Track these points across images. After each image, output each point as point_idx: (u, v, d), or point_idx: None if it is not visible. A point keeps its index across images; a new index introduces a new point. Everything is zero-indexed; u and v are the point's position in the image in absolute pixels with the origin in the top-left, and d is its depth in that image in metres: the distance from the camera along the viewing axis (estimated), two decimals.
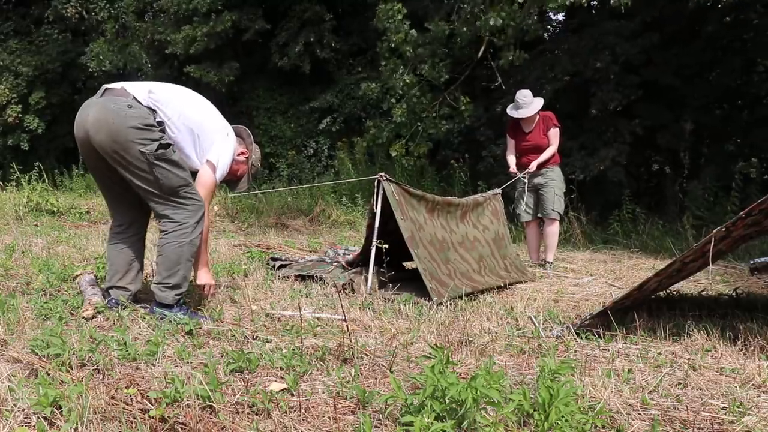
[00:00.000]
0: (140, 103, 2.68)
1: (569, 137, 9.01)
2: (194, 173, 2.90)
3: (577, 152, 8.80)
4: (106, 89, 2.74)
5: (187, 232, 2.73)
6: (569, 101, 9.38)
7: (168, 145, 2.67)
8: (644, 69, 8.75)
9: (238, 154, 3.05)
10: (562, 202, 5.20)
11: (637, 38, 8.62)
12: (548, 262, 5.12)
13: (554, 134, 5.11)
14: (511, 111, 5.14)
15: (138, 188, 2.69)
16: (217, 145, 2.89)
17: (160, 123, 2.71)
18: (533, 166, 5.06)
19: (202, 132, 2.85)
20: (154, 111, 2.71)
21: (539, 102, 5.09)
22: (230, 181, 3.13)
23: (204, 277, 2.99)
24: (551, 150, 5.09)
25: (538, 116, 5.16)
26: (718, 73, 9.12)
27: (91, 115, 2.63)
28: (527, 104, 5.06)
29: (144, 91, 2.75)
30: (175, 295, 2.76)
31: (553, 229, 5.18)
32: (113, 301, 2.90)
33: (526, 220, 5.31)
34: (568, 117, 9.33)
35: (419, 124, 9.49)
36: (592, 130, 9.02)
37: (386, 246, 3.50)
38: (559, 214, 5.18)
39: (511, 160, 5.28)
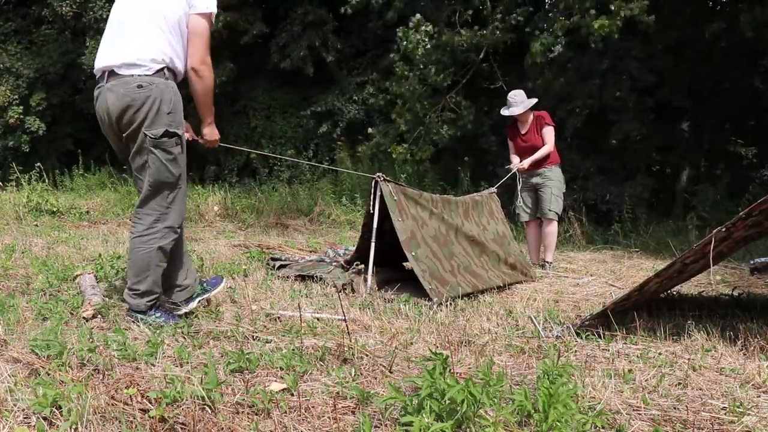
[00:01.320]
0: (147, 75, 2.59)
1: (583, 158, 8.90)
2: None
3: (596, 176, 8.66)
4: (111, 72, 2.65)
5: (156, 237, 2.67)
6: (585, 127, 9.22)
7: (174, 135, 2.63)
8: (657, 89, 8.68)
9: None
10: (561, 202, 5.20)
11: (650, 59, 8.53)
12: (548, 262, 5.12)
13: (548, 132, 5.11)
14: (503, 110, 5.18)
15: (135, 173, 2.68)
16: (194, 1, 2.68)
17: (162, 64, 2.61)
18: (525, 163, 5.07)
19: (183, 13, 2.68)
20: (161, 70, 2.60)
21: (531, 101, 5.10)
22: None
23: (208, 129, 2.90)
24: (546, 149, 5.08)
25: (532, 117, 5.17)
26: (729, 87, 9.06)
27: (108, 103, 2.62)
28: (518, 103, 5.08)
29: (122, 54, 2.62)
30: (147, 302, 2.70)
31: (552, 229, 5.17)
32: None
33: (525, 220, 5.32)
34: (582, 139, 9.20)
35: (421, 128, 9.49)
36: (609, 152, 8.90)
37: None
38: (557, 214, 5.18)
39: (514, 159, 5.31)
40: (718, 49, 8.88)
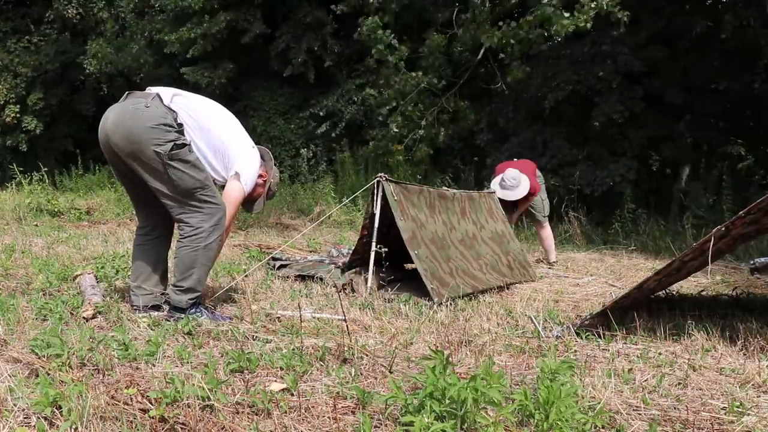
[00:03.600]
0: (161, 101, 2.67)
1: (572, 146, 9.00)
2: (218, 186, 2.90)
3: (583, 162, 8.74)
4: (129, 93, 2.76)
5: (202, 236, 2.71)
6: (572, 109, 9.34)
7: (183, 145, 2.64)
8: (647, 80, 8.73)
9: (258, 176, 3.00)
10: (547, 204, 5.36)
11: (641, 49, 8.61)
12: (552, 263, 5.21)
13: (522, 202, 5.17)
14: (495, 187, 5.03)
15: (154, 190, 2.69)
16: (242, 158, 2.86)
17: (180, 125, 2.69)
18: (513, 219, 5.20)
19: (225, 144, 2.83)
20: (174, 112, 2.69)
21: (525, 187, 4.99)
22: (244, 201, 3.05)
23: None
24: (523, 207, 5.20)
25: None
26: (726, 83, 9.09)
27: (110, 118, 2.65)
28: (514, 187, 4.98)
29: (169, 93, 2.75)
30: (189, 299, 2.76)
31: (545, 233, 5.33)
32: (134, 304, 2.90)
33: None
34: (571, 125, 9.36)
35: (418, 130, 9.53)
36: (597, 138, 8.98)
37: (386, 250, 3.50)
38: (545, 216, 5.34)
39: None
40: (714, 45, 8.91)
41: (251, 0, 11.28)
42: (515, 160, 5.56)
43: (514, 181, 4.97)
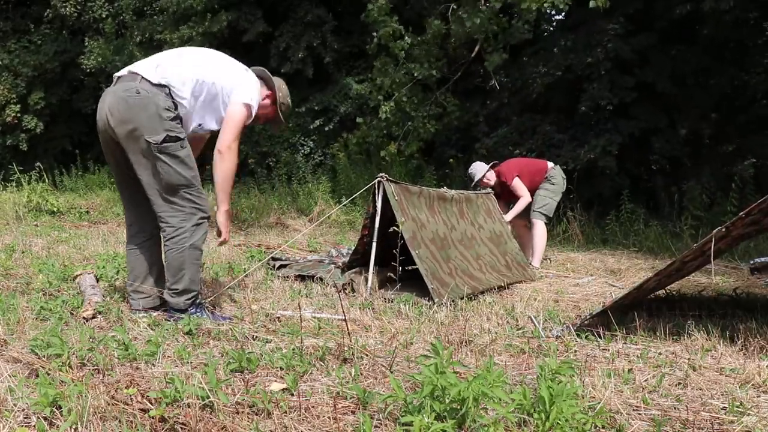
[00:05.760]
0: (149, 82, 2.65)
1: (559, 130, 9.09)
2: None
3: (569, 143, 8.81)
4: (118, 77, 2.74)
5: (185, 236, 2.71)
6: (562, 97, 9.41)
7: (177, 139, 2.64)
8: (639, 70, 8.74)
9: (264, 99, 2.97)
10: (550, 202, 5.16)
11: (630, 37, 8.63)
12: (535, 267, 4.93)
13: (516, 188, 5.14)
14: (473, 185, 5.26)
15: (143, 183, 2.69)
16: (238, 86, 2.81)
17: (175, 104, 2.67)
18: (508, 218, 5.07)
19: (219, 83, 2.77)
20: (165, 86, 2.67)
21: (480, 170, 5.21)
22: (266, 122, 3.14)
23: (221, 217, 2.88)
24: (523, 201, 5.13)
25: (495, 177, 5.20)
26: (716, 76, 9.09)
27: (106, 105, 2.66)
28: (476, 175, 5.22)
29: (152, 67, 2.71)
30: (186, 300, 2.76)
31: (535, 231, 5.12)
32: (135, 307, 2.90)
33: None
34: (560, 111, 9.44)
35: (410, 123, 9.55)
36: (584, 123, 9.03)
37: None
38: (543, 215, 5.14)
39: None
40: (702, 35, 8.90)
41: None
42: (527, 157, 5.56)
43: (473, 171, 5.27)
